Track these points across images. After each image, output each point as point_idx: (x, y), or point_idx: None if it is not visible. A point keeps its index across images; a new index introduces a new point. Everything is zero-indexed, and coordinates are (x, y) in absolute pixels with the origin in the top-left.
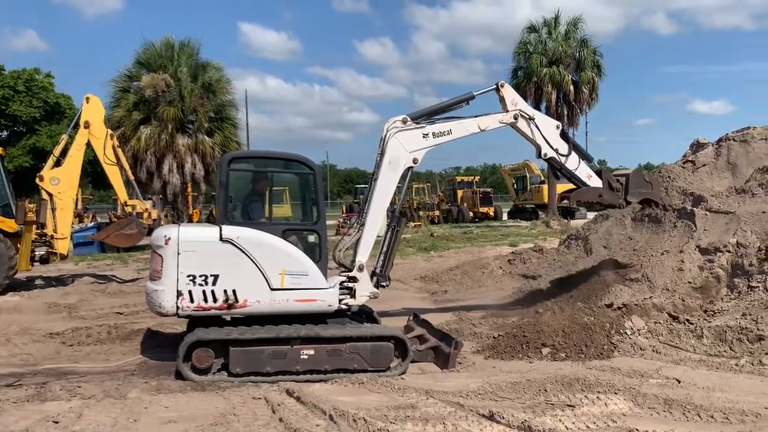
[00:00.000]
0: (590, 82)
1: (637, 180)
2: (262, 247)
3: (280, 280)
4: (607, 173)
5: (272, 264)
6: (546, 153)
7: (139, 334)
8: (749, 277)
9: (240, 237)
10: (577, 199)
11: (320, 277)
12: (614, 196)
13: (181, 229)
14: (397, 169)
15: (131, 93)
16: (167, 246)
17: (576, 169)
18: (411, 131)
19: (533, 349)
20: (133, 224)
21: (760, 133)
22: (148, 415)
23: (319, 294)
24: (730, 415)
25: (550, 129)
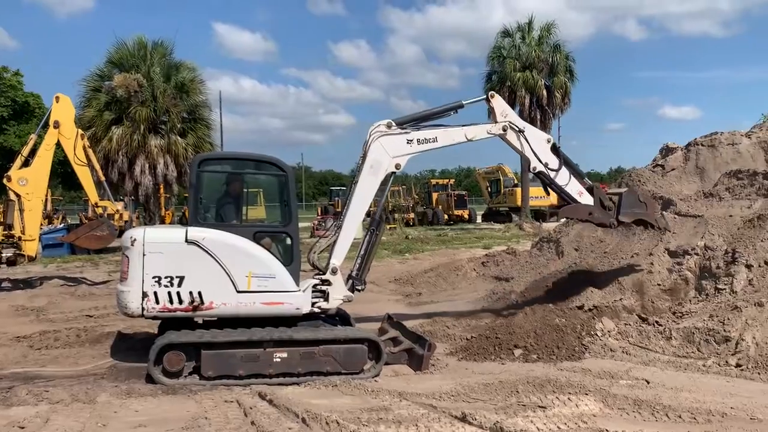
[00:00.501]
0: (563, 87)
1: (630, 199)
2: (228, 249)
3: (247, 283)
4: (600, 191)
5: (238, 266)
6: (535, 167)
7: (110, 337)
8: (716, 280)
9: (206, 239)
10: (566, 216)
11: (289, 280)
12: (605, 215)
13: (147, 231)
14: (378, 173)
15: (103, 93)
16: (133, 247)
17: (566, 185)
18: (395, 136)
19: (505, 351)
20: (104, 226)
21: (727, 138)
22: (117, 420)
23: (287, 297)
24: (697, 415)
25: (541, 142)
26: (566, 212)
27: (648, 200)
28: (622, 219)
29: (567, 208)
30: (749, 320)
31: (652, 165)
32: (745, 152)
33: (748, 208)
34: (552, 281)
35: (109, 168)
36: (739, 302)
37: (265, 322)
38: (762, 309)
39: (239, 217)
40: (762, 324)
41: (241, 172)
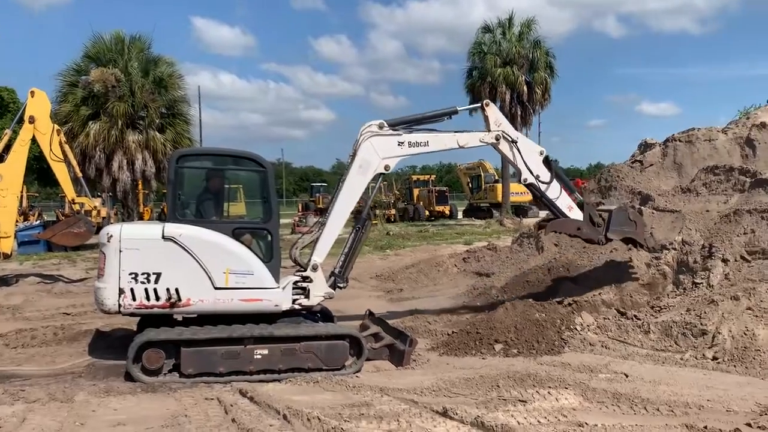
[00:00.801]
0: (543, 83)
1: (620, 217)
2: (205, 245)
3: (225, 279)
4: (590, 207)
5: (216, 262)
6: (526, 178)
7: (87, 335)
8: (693, 274)
9: (182, 235)
10: (554, 230)
11: (267, 277)
12: (594, 232)
13: (123, 227)
14: (366, 173)
15: (79, 87)
16: (109, 243)
17: (557, 199)
18: (386, 137)
19: (486, 346)
20: (81, 222)
21: (704, 134)
22: (95, 419)
23: (266, 294)
24: (674, 408)
25: (533, 154)
26: (555, 226)
27: (638, 219)
28: (610, 236)
29: (556, 222)
30: (725, 314)
31: (631, 161)
32: (722, 148)
33: (725, 203)
34: (532, 276)
35: (86, 164)
36: (716, 296)
37: (245, 318)
38: (738, 303)
39: (218, 214)
40: (738, 317)
41: (220, 168)
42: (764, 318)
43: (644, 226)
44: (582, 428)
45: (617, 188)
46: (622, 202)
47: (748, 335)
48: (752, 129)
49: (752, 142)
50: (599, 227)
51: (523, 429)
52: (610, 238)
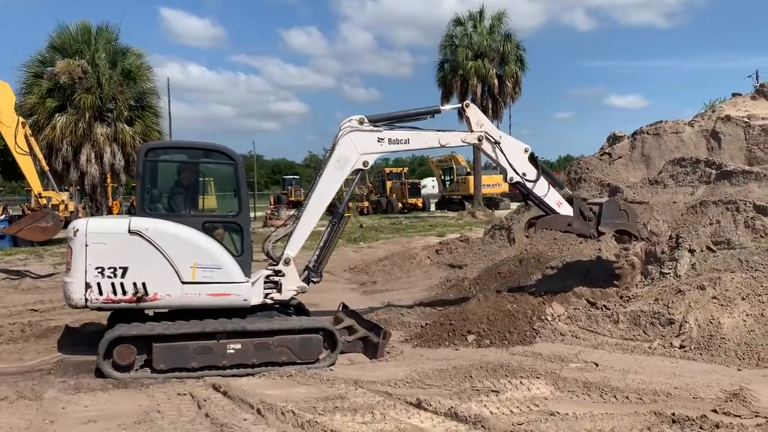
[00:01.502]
0: (514, 76)
1: (611, 209)
2: (171, 239)
3: (192, 273)
4: (580, 201)
5: (183, 257)
6: (512, 177)
7: (56, 331)
8: (661, 264)
9: (149, 229)
10: (544, 227)
11: (236, 271)
12: (585, 226)
13: (89, 221)
14: (344, 168)
15: (45, 79)
16: (76, 238)
17: (545, 195)
18: (366, 133)
19: (459, 337)
20: (48, 217)
21: (671, 126)
22: (66, 416)
23: (234, 288)
24: (643, 396)
25: (518, 152)
26: (545, 223)
27: (629, 209)
28: (602, 229)
29: (546, 219)
30: (692, 303)
31: (600, 153)
32: (688, 140)
33: (691, 195)
34: (504, 268)
35: (52, 157)
36: (683, 286)
37: (218, 313)
38: (704, 292)
39: (188, 207)
40: (704, 306)
41: (189, 162)
42: (729, 307)
43: (636, 216)
44: (553, 417)
45: (587, 180)
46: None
47: (713, 324)
48: (717, 122)
49: (717, 135)
50: (590, 221)
51: (496, 419)
52: (602, 231)
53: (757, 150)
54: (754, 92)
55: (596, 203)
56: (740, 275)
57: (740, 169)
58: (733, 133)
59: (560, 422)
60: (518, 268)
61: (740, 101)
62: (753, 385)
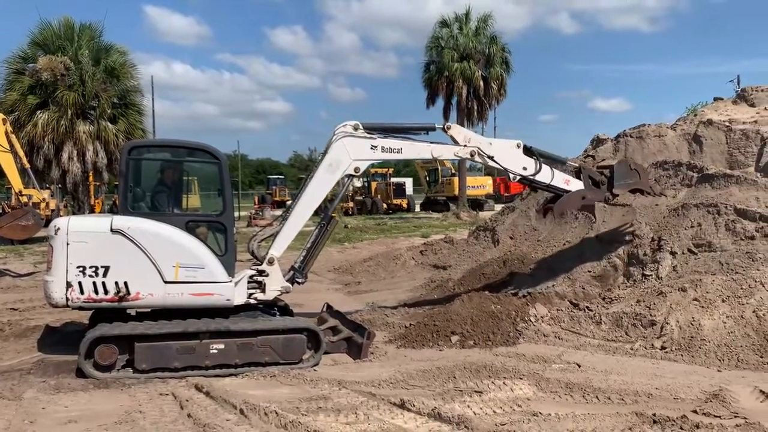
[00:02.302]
0: (499, 78)
1: (622, 170)
2: (154, 238)
3: (174, 273)
4: (588, 168)
5: (165, 256)
6: (514, 177)
7: (36, 330)
8: (643, 266)
9: (131, 228)
10: (562, 210)
11: (219, 271)
12: (598, 193)
13: (71, 220)
14: (335, 172)
15: (26, 75)
16: (57, 236)
17: (552, 180)
18: (360, 139)
19: (443, 338)
20: (29, 215)
21: (654, 130)
22: (46, 416)
23: (217, 288)
24: (625, 396)
25: (511, 152)
26: (560, 206)
27: (640, 168)
28: (616, 191)
29: (560, 202)
30: (673, 305)
31: (584, 155)
32: (671, 144)
33: (673, 198)
34: (488, 269)
35: (34, 154)
36: (664, 288)
37: (201, 313)
38: (685, 294)
39: (172, 206)
40: (685, 308)
41: (172, 160)
42: (710, 309)
43: (647, 174)
44: (536, 417)
45: None
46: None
47: (694, 325)
48: (699, 126)
49: (699, 139)
50: (603, 185)
51: (479, 419)
52: (616, 193)
53: (738, 154)
54: (736, 97)
55: (606, 166)
56: (721, 277)
57: (721, 173)
58: (714, 137)
59: (543, 423)
60: (502, 269)
61: (722, 105)
62: (732, 386)
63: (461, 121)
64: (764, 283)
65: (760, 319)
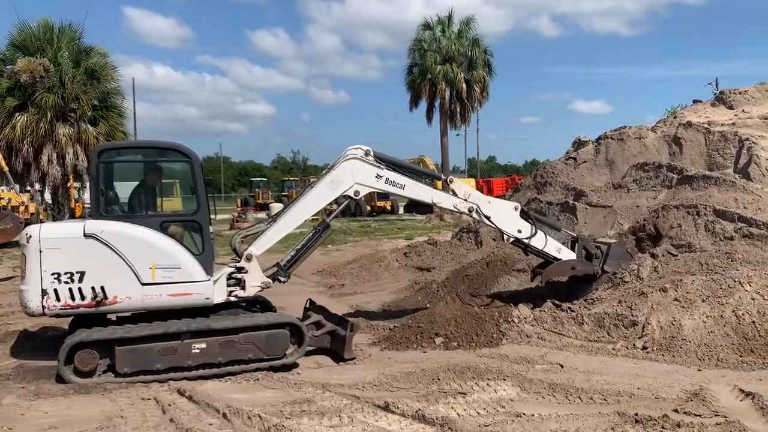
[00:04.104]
0: (481, 81)
1: (618, 251)
2: (128, 240)
3: (151, 275)
4: (586, 240)
5: (141, 258)
6: (508, 238)
7: (15, 336)
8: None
9: (104, 231)
10: (549, 277)
11: (196, 270)
12: (588, 266)
13: (42, 227)
14: (335, 189)
15: (5, 77)
16: (29, 244)
17: (544, 246)
18: (367, 165)
19: (427, 339)
20: (7, 218)
21: (634, 132)
22: (25, 422)
23: (195, 287)
24: (607, 396)
25: (508, 214)
26: (549, 273)
27: (633, 252)
28: (607, 269)
29: (549, 269)
30: (654, 305)
31: (565, 157)
32: (651, 146)
33: (654, 199)
34: (471, 270)
35: (12, 157)
36: (645, 288)
37: (182, 313)
38: (666, 294)
39: (145, 208)
40: (666, 308)
41: (144, 161)
42: (690, 309)
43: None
44: (520, 418)
45: (552, 184)
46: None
47: (675, 325)
48: (679, 128)
49: (679, 141)
50: (597, 259)
51: (463, 420)
52: (606, 270)
53: (716, 155)
54: (714, 99)
55: (604, 243)
56: (701, 278)
57: (701, 174)
58: (694, 139)
59: (526, 423)
60: (485, 271)
61: (701, 108)
62: (713, 385)
63: (444, 124)
64: (743, 283)
65: (739, 318)
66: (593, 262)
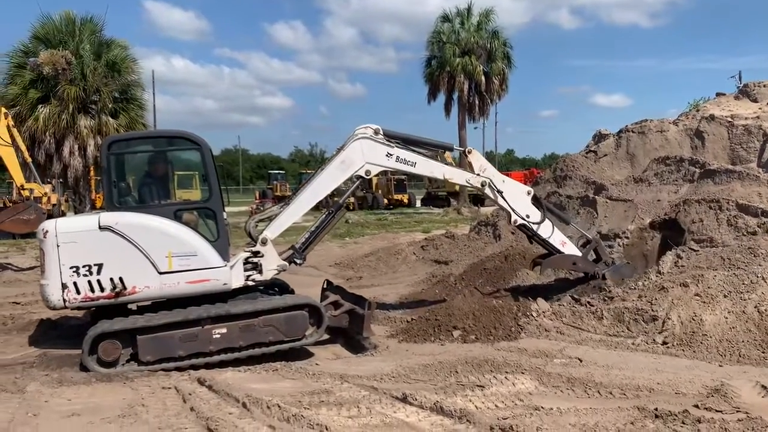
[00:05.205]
0: (500, 73)
1: (626, 270)
2: (143, 230)
3: (168, 263)
4: (600, 244)
5: (157, 247)
6: (515, 220)
7: (39, 324)
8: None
9: (119, 223)
10: (549, 267)
11: (213, 256)
12: (590, 265)
13: (58, 221)
14: (346, 171)
15: (28, 70)
16: (46, 239)
17: (549, 237)
18: (377, 144)
19: (445, 332)
20: (30, 209)
21: (656, 125)
22: (48, 409)
23: (213, 273)
24: (627, 391)
25: (520, 196)
26: (550, 263)
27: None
28: (608, 275)
29: (551, 259)
30: (675, 300)
31: (586, 151)
32: (673, 139)
33: (675, 193)
34: (489, 264)
35: (35, 149)
36: (666, 283)
37: (201, 299)
38: (687, 289)
39: (158, 197)
40: (687, 303)
41: (153, 151)
42: (711, 304)
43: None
44: (538, 412)
45: (572, 178)
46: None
47: (695, 320)
48: (702, 121)
49: (701, 134)
50: (602, 263)
51: (481, 413)
52: (606, 277)
53: (740, 149)
54: (738, 92)
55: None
56: (722, 273)
57: (723, 168)
58: (716, 133)
59: (545, 417)
60: (504, 264)
61: (724, 101)
62: (734, 381)
63: (462, 117)
64: (766, 279)
65: (762, 314)
66: (597, 264)
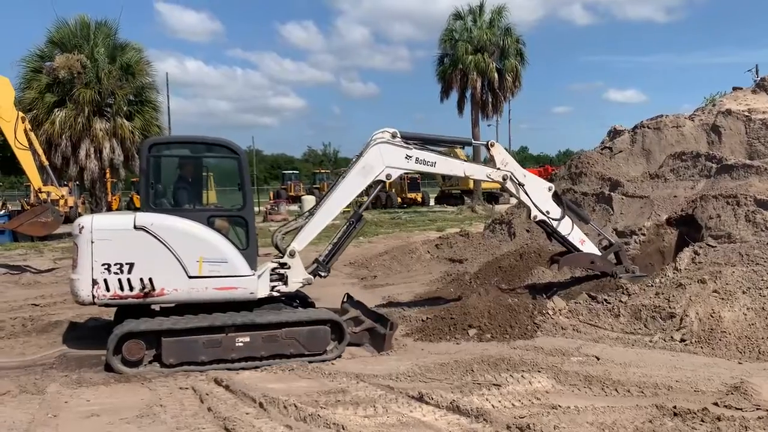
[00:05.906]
0: (513, 70)
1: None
2: (177, 234)
3: (198, 268)
4: (622, 250)
5: (189, 251)
6: (535, 216)
7: (57, 326)
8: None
9: (154, 224)
10: (568, 265)
11: (242, 264)
12: (609, 265)
13: (94, 218)
14: (367, 176)
15: (44, 74)
16: (81, 235)
17: (569, 234)
18: (396, 147)
19: (460, 331)
20: (48, 212)
21: (672, 121)
22: (68, 410)
23: (241, 281)
24: (644, 389)
25: (542, 192)
26: (568, 261)
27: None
28: (621, 275)
29: (569, 257)
30: (692, 297)
31: (601, 147)
32: (689, 135)
33: (692, 189)
34: (504, 262)
35: (52, 152)
36: (683, 280)
37: (226, 306)
38: (704, 286)
39: (193, 202)
40: (704, 300)
41: (192, 156)
42: (730, 301)
43: None
44: (555, 410)
45: (587, 174)
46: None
47: (714, 317)
48: (718, 116)
49: (718, 129)
50: (626, 270)
51: (498, 412)
52: (620, 276)
53: (757, 144)
54: (755, 86)
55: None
56: (741, 269)
57: (741, 163)
58: (733, 127)
59: (562, 415)
60: (519, 263)
61: (741, 95)
62: (754, 379)
63: (476, 114)
64: None
65: None
66: (617, 266)
